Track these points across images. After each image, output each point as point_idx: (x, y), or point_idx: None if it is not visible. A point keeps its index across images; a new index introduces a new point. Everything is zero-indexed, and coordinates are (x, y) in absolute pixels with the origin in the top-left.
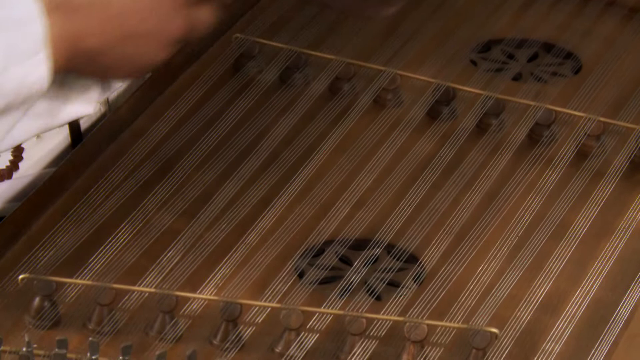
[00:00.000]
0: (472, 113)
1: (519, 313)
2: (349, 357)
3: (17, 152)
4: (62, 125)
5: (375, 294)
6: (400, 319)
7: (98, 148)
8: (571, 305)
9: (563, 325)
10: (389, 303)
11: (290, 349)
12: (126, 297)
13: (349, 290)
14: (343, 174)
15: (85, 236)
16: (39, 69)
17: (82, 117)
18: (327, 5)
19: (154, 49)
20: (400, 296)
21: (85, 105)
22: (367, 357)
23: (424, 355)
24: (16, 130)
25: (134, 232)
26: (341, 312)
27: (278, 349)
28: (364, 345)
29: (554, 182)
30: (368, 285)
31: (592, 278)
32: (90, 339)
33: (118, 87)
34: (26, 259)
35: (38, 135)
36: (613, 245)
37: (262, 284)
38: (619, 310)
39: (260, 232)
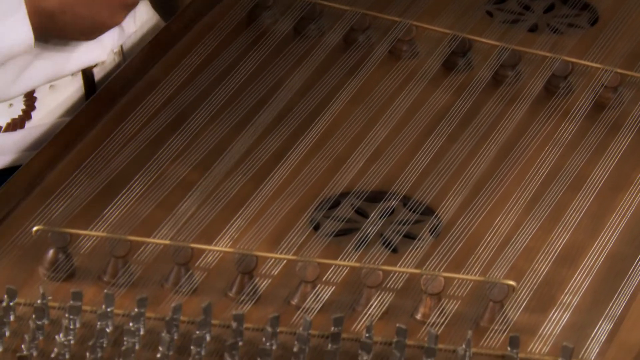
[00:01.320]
0: (488, 64)
1: (536, 265)
2: (365, 310)
3: (30, 102)
4: (75, 72)
5: (391, 246)
6: (417, 271)
7: (112, 99)
8: (589, 257)
9: (581, 277)
10: (406, 255)
11: (307, 301)
12: (141, 249)
13: (365, 242)
14: (358, 125)
15: (99, 188)
16: (23, 27)
17: (95, 65)
18: None
19: (107, 12)
20: (417, 248)
21: (97, 53)
22: (383, 309)
23: (441, 308)
24: (26, 77)
25: (149, 183)
26: (357, 264)
27: (294, 302)
28: (381, 298)
29: (571, 134)
30: (384, 237)
31: (609, 231)
32: (105, 291)
33: (131, 33)
34: (40, 211)
35: (51, 85)
36: (630, 198)
37: (278, 236)
38: (636, 264)
39: (275, 184)
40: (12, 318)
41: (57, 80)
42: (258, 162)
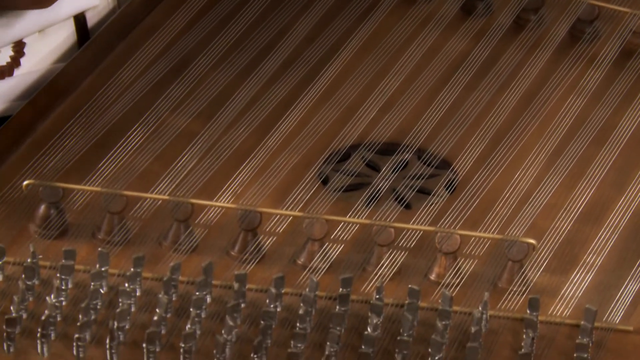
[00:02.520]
0: (509, 8)
1: (558, 223)
2: (376, 270)
3: (18, 47)
4: (66, 19)
5: (404, 202)
6: (431, 228)
7: (108, 45)
8: (614, 215)
9: (605, 236)
10: (419, 212)
11: (314, 260)
12: (138, 205)
13: (377, 198)
14: (370, 74)
15: (94, 139)
16: None
17: (86, 9)
18: None
19: None
20: (431, 205)
21: None
22: (395, 269)
23: (457, 268)
24: (16, 25)
25: (147, 135)
26: (368, 221)
27: (300, 261)
28: (392, 257)
29: (597, 83)
30: (397, 192)
31: (636, 185)
32: (99, 249)
33: None
34: (31, 164)
35: (40, 30)
36: None
37: (283, 192)
38: None
39: (281, 136)
40: (0, 278)
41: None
42: (263, 112)
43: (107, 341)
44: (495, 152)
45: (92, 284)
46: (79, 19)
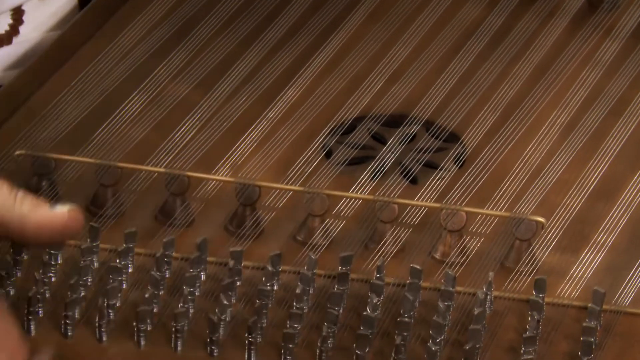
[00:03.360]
0: None
1: (569, 200)
2: (379, 247)
3: (17, 15)
4: None
5: (410, 176)
6: (437, 205)
7: (107, 10)
8: (628, 192)
9: (618, 214)
10: (425, 187)
11: (314, 237)
12: (132, 178)
13: (382, 171)
14: (377, 43)
15: (90, 108)
16: None
17: None
18: None
19: None
20: (438, 180)
21: None
22: (399, 246)
23: (462, 246)
24: None
25: (145, 103)
26: (371, 197)
27: (300, 237)
28: (396, 234)
29: (614, 54)
30: (403, 166)
31: None
32: (90, 223)
33: None
34: (23, 133)
35: None
36: None
37: (285, 164)
38: None
39: (284, 106)
40: None
41: None
42: (265, 82)
43: (97, 319)
44: (506, 125)
45: (83, 259)
46: None
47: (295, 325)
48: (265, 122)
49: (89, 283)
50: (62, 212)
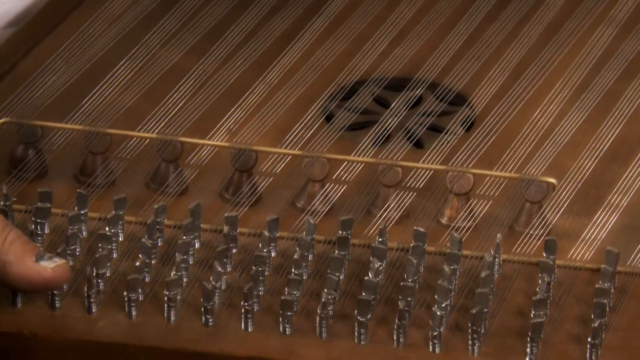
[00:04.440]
0: None
1: (581, 162)
2: (382, 212)
3: None
4: None
5: (414, 138)
6: (442, 167)
7: None
8: None
9: (633, 175)
10: (431, 150)
11: (313, 202)
12: (123, 145)
13: (385, 135)
14: (381, 3)
15: (77, 75)
16: None
17: None
18: None
19: None
20: (444, 143)
21: None
22: (403, 212)
23: (469, 210)
24: None
25: (135, 70)
26: (373, 160)
27: (299, 204)
28: (400, 198)
29: (628, 12)
30: (407, 130)
31: None
32: (77, 190)
33: None
34: (9, 101)
35: None
36: None
37: (283, 130)
38: None
39: (282, 70)
40: None
41: None
42: (262, 46)
43: (85, 289)
44: (515, 86)
45: (70, 227)
46: None
47: (294, 292)
48: (262, 86)
49: (77, 252)
50: (45, 269)
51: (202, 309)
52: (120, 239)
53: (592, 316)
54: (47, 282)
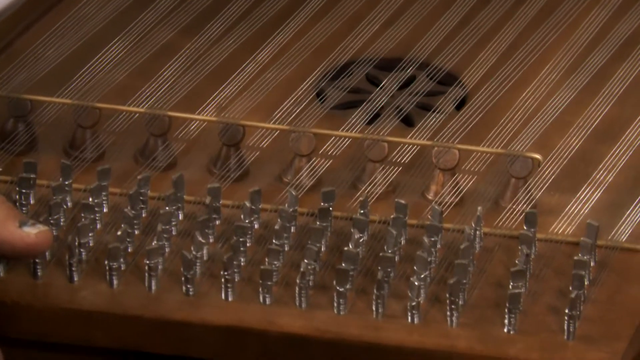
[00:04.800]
0: None
1: (568, 140)
2: (367, 187)
3: None
4: None
5: (401, 116)
6: (429, 143)
7: None
8: (630, 132)
9: (619, 153)
10: (419, 126)
11: (299, 176)
12: (112, 119)
13: (374, 113)
14: None
15: (70, 51)
16: None
17: None
18: None
19: None
20: (434, 120)
21: None
22: (388, 186)
23: (454, 184)
24: None
25: (128, 47)
26: (359, 135)
27: (287, 179)
28: (386, 173)
29: None
30: (397, 108)
31: None
32: (62, 161)
33: None
34: (1, 76)
35: None
36: None
37: (273, 107)
38: None
39: (274, 49)
40: None
41: None
42: (255, 25)
43: (67, 258)
44: (507, 66)
45: (54, 197)
46: None
47: (275, 263)
48: (254, 64)
49: (61, 223)
50: (28, 235)
51: (183, 279)
52: (104, 210)
53: (570, 288)
54: (30, 248)
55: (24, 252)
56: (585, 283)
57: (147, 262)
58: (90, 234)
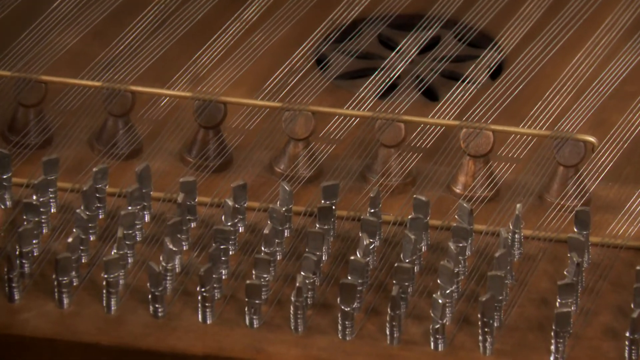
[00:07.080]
0: None
1: (630, 117)
2: (380, 179)
3: None
4: None
5: (422, 88)
6: (455, 123)
7: None
8: None
9: None
10: (444, 102)
11: (295, 164)
12: (62, 95)
13: (389, 83)
14: None
15: (9, 9)
16: None
17: None
18: None
19: None
20: (463, 94)
21: None
22: (406, 177)
23: (488, 174)
24: None
25: (80, 5)
26: (369, 113)
27: (279, 168)
28: (402, 161)
29: None
30: (417, 77)
31: None
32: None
33: None
34: None
35: None
36: None
37: (262, 77)
38: None
39: (262, 4)
40: None
41: None
42: None
43: (5, 272)
44: (552, 25)
45: None
46: None
47: (264, 276)
48: (237, 24)
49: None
50: None
51: (150, 297)
52: (52, 211)
53: (632, 306)
54: None
55: None
56: None
57: (106, 276)
58: (34, 241)
